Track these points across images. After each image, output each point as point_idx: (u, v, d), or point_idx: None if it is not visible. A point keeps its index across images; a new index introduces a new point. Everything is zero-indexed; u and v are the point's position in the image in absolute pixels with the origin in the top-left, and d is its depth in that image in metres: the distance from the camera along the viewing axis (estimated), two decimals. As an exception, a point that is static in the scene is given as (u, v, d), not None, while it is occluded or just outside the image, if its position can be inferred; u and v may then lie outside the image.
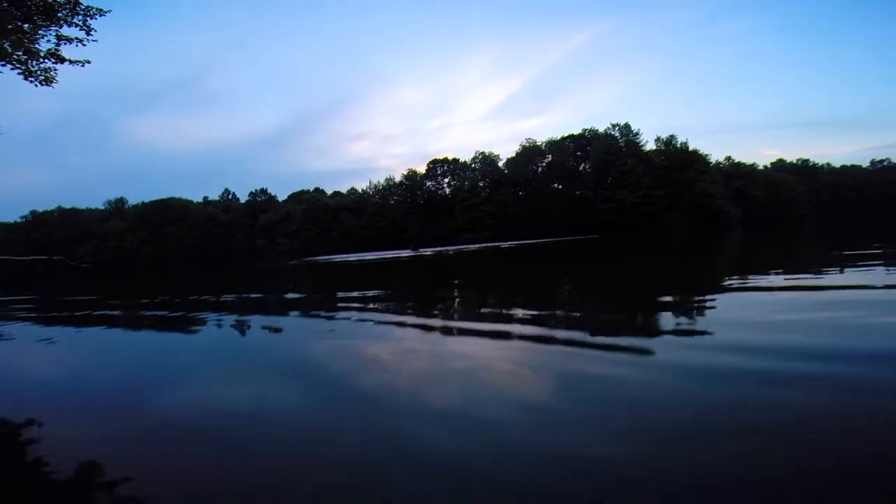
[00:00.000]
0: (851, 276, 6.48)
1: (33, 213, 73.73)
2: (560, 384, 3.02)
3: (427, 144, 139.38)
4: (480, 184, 65.57)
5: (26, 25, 8.77)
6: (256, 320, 7.32)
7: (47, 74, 9.44)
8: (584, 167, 59.85)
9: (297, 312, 8.05)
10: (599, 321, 5.21)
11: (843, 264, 8.21)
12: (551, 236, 46.95)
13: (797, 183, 62.33)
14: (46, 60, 9.28)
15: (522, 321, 5.24)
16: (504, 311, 6.31)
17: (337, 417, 2.71)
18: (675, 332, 4.17)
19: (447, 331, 5.09)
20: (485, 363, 3.62)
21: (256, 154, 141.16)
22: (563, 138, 61.02)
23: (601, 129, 59.06)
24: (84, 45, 9.18)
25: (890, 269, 7.11)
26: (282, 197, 75.51)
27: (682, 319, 4.81)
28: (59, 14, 8.79)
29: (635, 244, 21.37)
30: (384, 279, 14.15)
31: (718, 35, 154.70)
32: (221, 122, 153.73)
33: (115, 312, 9.85)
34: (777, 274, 7.93)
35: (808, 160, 76.84)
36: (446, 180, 69.05)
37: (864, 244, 11.76)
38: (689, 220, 48.31)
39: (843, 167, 76.75)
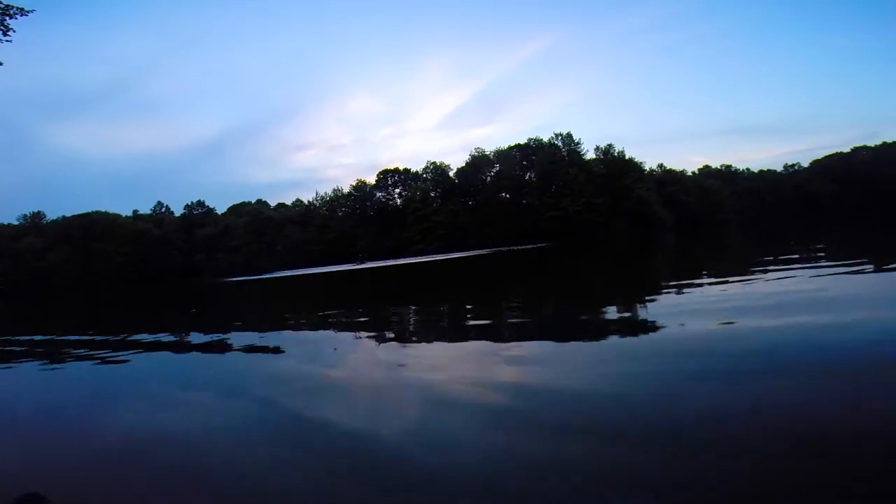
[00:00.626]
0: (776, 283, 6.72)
1: None
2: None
3: (377, 154, 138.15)
4: (432, 194, 65.58)
5: None
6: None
7: None
8: (529, 176, 61.56)
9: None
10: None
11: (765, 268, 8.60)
12: (501, 245, 47.60)
13: (722, 188, 67.50)
14: None
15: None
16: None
17: (285, 439, 2.59)
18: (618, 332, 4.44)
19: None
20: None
21: (194, 164, 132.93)
22: (510, 148, 62.65)
23: (545, 139, 61.20)
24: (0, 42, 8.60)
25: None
26: (221, 210, 71.91)
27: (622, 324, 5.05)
28: None
29: (584, 253, 22.02)
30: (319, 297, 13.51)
31: (658, 44, 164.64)
32: (157, 131, 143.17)
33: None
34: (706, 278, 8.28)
35: (730, 166, 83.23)
36: (397, 191, 68.43)
37: (784, 247, 12.71)
38: (628, 226, 50.86)
39: (761, 171, 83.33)
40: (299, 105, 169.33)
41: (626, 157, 58.00)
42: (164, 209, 73.11)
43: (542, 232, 53.57)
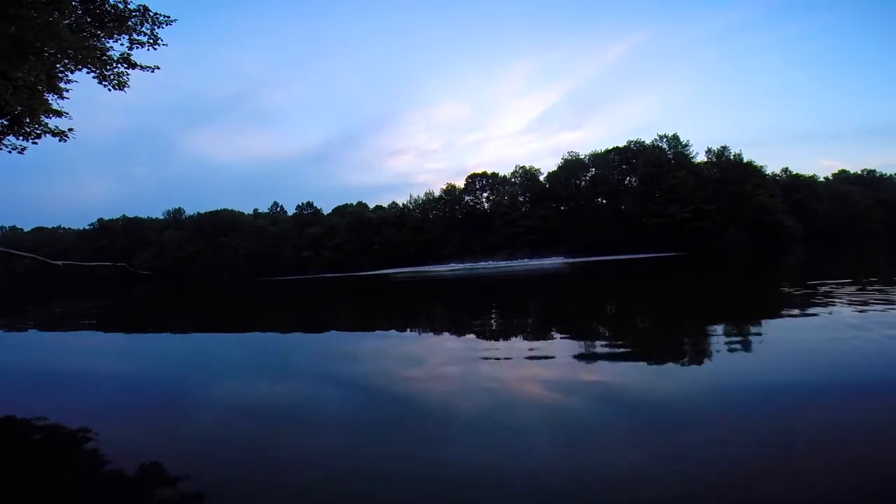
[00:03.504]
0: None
1: (100, 220, 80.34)
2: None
3: (465, 159, 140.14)
4: (521, 198, 64.80)
5: (100, 32, 8.94)
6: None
7: (120, 79, 9.45)
8: (629, 181, 57.90)
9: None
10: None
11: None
12: (598, 254, 45.30)
13: (863, 195, 57.44)
14: (119, 65, 9.38)
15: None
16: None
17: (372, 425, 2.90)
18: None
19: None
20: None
21: (303, 168, 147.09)
22: (608, 151, 59.46)
23: (648, 141, 57.11)
24: (155, 48, 9.31)
25: None
26: (327, 210, 77.89)
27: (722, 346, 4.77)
28: (130, 22, 8.96)
29: (710, 264, 20.05)
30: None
31: (762, 41, 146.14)
32: (272, 137, 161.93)
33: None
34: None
35: (873, 170, 70.80)
36: (485, 195, 68.72)
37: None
38: (748, 237, 45.38)
39: None
40: (393, 113, 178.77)
41: (744, 160, 51.87)
42: (279, 208, 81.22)
43: (644, 240, 49.92)
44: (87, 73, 9.28)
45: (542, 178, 64.91)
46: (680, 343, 5.29)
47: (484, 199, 68.55)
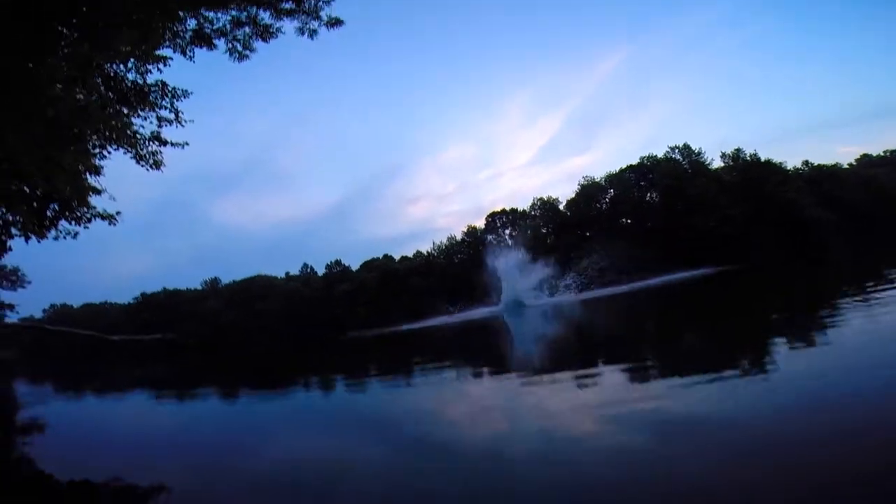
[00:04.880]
0: None
1: (143, 294, 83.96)
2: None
3: (481, 197, 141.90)
4: (543, 230, 64.67)
5: (124, 109, 9.23)
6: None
7: (155, 158, 9.64)
8: (650, 197, 57.17)
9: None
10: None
11: None
12: (633, 278, 43.89)
13: (889, 177, 54.75)
14: (151, 143, 9.61)
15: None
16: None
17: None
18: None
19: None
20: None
21: (326, 226, 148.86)
22: (623, 170, 59.40)
23: (660, 155, 56.89)
24: (182, 125, 9.51)
25: None
26: (355, 266, 79.17)
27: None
28: (151, 97, 9.23)
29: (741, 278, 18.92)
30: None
31: (752, 34, 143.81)
32: (292, 199, 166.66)
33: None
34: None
35: (895, 150, 67.74)
36: (507, 231, 68.97)
37: None
38: (783, 236, 43.31)
39: None
40: (403, 161, 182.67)
41: (762, 159, 50.76)
42: (308, 269, 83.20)
43: (673, 255, 48.39)
44: (124, 153, 9.51)
45: (561, 206, 64.98)
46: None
47: (507, 236, 68.68)
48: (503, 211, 69.12)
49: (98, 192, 9.46)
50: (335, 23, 9.37)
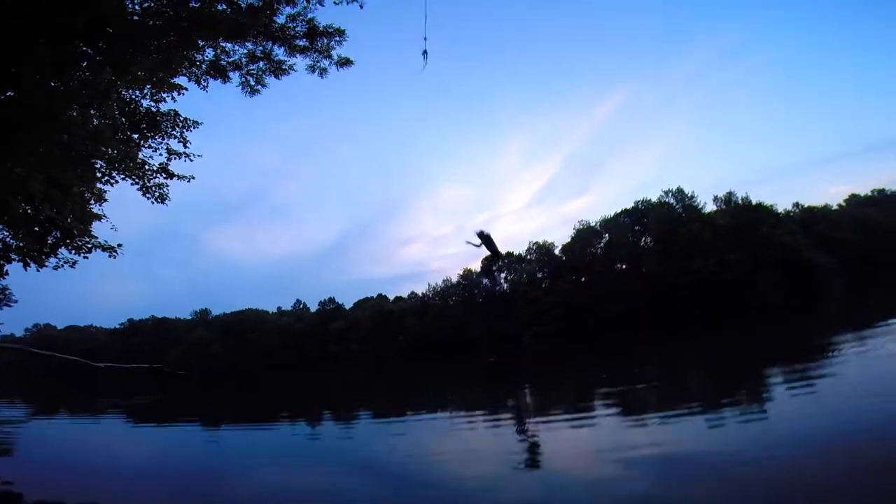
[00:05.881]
0: None
1: (130, 321, 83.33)
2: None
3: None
4: (539, 275, 64.79)
5: (135, 136, 9.30)
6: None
7: (161, 191, 9.64)
8: (645, 241, 57.81)
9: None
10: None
11: None
12: (627, 319, 43.78)
13: (881, 215, 55.68)
14: (158, 175, 9.63)
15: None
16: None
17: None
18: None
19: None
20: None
21: (322, 264, 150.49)
22: (617, 214, 60.39)
23: (654, 199, 58.13)
24: (191, 160, 9.56)
25: None
26: (348, 305, 79.24)
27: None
28: (163, 125, 9.36)
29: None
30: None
31: (741, 71, 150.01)
32: (289, 234, 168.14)
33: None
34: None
35: (883, 189, 69.96)
36: (503, 275, 69.01)
37: None
38: (782, 279, 43.60)
39: None
40: (400, 202, 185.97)
41: (753, 202, 52.09)
42: (301, 306, 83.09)
43: (672, 300, 48.34)
44: (131, 183, 9.54)
45: (556, 251, 65.47)
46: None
47: (502, 280, 68.70)
48: (498, 255, 69.52)
49: (99, 217, 9.43)
50: (345, 63, 9.74)
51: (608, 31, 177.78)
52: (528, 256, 67.23)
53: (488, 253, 10.08)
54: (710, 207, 55.22)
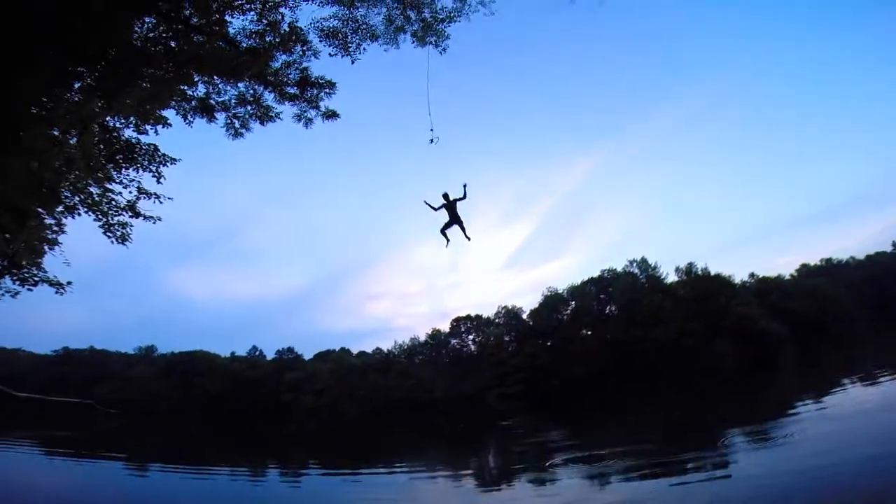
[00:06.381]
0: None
1: (66, 349, 75.93)
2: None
3: (445, 301, 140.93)
4: (506, 338, 64.94)
5: (109, 166, 8.99)
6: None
7: (123, 231, 9.27)
8: (610, 309, 59.31)
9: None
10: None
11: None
12: (590, 384, 43.90)
13: (831, 285, 59.22)
14: (124, 213, 9.27)
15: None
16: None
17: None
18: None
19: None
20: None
21: (284, 312, 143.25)
22: (584, 283, 62.16)
23: (620, 268, 60.39)
24: (161, 202, 9.24)
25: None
26: (308, 356, 76.07)
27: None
28: (139, 158, 9.12)
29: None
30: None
31: (701, 136, 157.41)
32: (253, 279, 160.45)
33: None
34: None
35: (830, 259, 74.39)
36: (471, 337, 68.85)
37: None
38: (738, 348, 45.25)
39: (869, 257, 72.03)
40: (370, 257, 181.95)
41: (712, 273, 54.98)
42: (257, 353, 78.79)
43: (633, 366, 49.05)
44: (94, 219, 9.16)
45: (524, 315, 66.17)
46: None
47: (470, 342, 68.46)
48: (468, 317, 69.70)
49: (53, 245, 8.87)
50: (331, 115, 10.23)
51: (572, 103, 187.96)
52: (497, 320, 67.59)
53: (447, 219, 8.86)
54: (672, 277, 57.78)
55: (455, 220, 8.63)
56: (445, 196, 8.75)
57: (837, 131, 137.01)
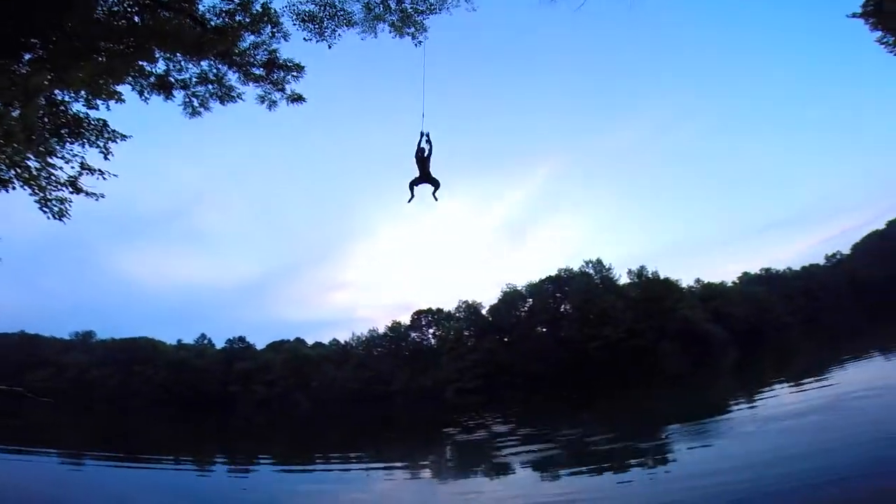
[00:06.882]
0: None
1: None
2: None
3: (406, 294, 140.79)
4: (466, 333, 65.65)
5: (53, 140, 8.45)
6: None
7: (61, 206, 8.72)
8: (565, 308, 61.28)
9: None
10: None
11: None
12: (545, 380, 45.38)
13: (768, 294, 64.06)
14: (64, 188, 8.69)
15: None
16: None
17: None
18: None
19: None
20: None
21: (237, 299, 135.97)
22: (542, 281, 63.81)
23: (576, 268, 62.42)
24: (105, 178, 8.75)
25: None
26: (260, 346, 73.10)
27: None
28: (86, 133, 8.61)
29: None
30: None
31: (661, 148, 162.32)
32: (206, 263, 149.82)
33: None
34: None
35: (769, 268, 79.11)
36: (431, 330, 69.08)
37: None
38: (681, 348, 48.18)
39: (804, 268, 77.69)
40: (333, 246, 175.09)
41: (662, 277, 58.04)
42: (206, 341, 75.29)
43: (586, 364, 51.14)
44: (30, 194, 8.57)
45: (484, 311, 67.11)
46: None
47: (430, 335, 68.63)
48: (429, 310, 69.77)
49: None
50: (297, 98, 9.87)
51: (538, 108, 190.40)
52: (458, 314, 68.13)
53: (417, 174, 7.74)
54: (624, 279, 60.44)
55: (425, 176, 7.66)
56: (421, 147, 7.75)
57: (786, 152, 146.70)
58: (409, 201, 7.69)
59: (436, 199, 7.75)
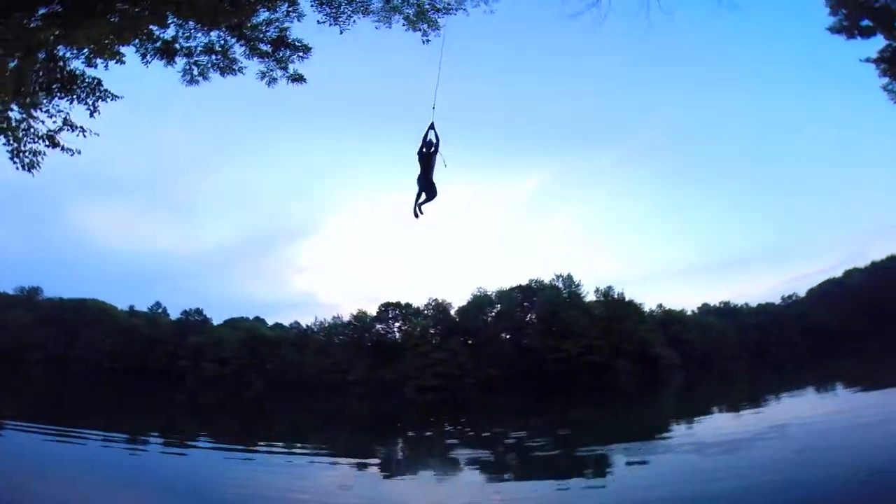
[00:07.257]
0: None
1: None
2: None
3: (376, 285, 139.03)
4: (432, 331, 65.77)
5: (42, 93, 8.14)
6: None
7: (34, 158, 8.28)
8: (530, 318, 62.48)
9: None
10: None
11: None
12: (501, 386, 46.28)
13: (724, 325, 67.60)
14: (40, 141, 8.31)
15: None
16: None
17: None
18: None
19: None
20: None
21: (198, 269, 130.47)
22: (512, 289, 64.81)
23: (546, 280, 63.76)
24: (86, 136, 8.42)
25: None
26: (217, 321, 70.89)
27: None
28: (78, 90, 8.28)
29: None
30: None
31: (638, 175, 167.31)
32: (172, 230, 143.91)
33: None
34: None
35: (728, 302, 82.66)
36: (397, 324, 68.77)
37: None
38: (633, 367, 50.14)
39: (760, 306, 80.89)
40: (306, 227, 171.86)
41: (626, 298, 59.85)
42: (160, 310, 72.77)
43: (544, 374, 52.37)
44: (3, 143, 8.12)
45: (453, 311, 67.36)
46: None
47: (395, 329, 68.30)
48: (397, 303, 69.44)
49: None
50: (297, 79, 9.93)
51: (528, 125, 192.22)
52: (426, 311, 68.20)
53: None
54: (591, 297, 62.16)
55: (425, 176, 6.59)
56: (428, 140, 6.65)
57: (757, 194, 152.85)
58: (417, 218, 6.81)
59: (420, 213, 6.83)
